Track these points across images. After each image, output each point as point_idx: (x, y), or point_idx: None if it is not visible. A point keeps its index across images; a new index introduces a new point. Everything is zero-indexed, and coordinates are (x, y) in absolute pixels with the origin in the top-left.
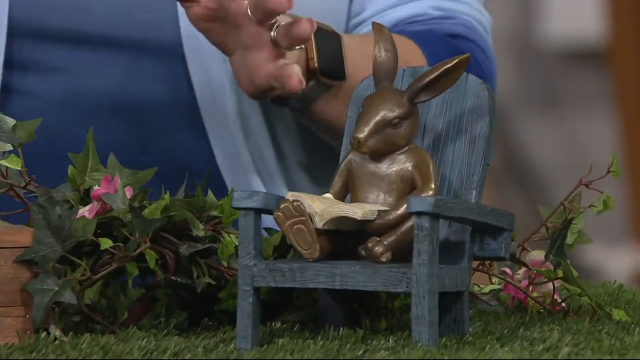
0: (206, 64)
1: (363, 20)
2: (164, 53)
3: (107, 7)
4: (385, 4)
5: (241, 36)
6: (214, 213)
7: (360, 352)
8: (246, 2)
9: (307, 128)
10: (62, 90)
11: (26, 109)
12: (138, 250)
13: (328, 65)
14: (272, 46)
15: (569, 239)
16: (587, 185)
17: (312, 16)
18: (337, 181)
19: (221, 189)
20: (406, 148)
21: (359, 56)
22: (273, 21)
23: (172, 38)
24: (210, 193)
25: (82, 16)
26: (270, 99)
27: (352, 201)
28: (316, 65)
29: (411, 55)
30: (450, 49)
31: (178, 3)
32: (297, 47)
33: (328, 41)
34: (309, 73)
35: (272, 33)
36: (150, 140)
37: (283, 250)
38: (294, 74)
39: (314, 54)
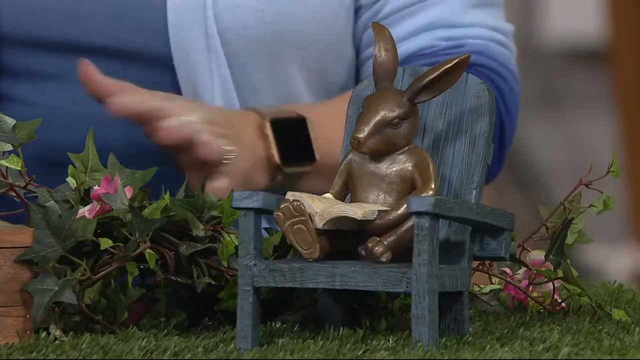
0: (194, 75)
1: (371, 55)
2: (154, 63)
3: (97, 17)
4: (394, 38)
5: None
6: (214, 213)
7: (360, 352)
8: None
9: None
10: (54, 98)
11: (18, 115)
12: (138, 250)
13: (293, 156)
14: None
15: (569, 239)
16: (587, 185)
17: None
18: (337, 181)
19: None
20: (406, 148)
21: (333, 130)
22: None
23: (162, 49)
24: (210, 193)
25: (72, 25)
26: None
27: (352, 201)
28: (278, 161)
29: None
30: None
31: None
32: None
33: (290, 131)
34: (274, 168)
35: None
36: (140, 149)
37: (283, 250)
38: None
39: (274, 150)
